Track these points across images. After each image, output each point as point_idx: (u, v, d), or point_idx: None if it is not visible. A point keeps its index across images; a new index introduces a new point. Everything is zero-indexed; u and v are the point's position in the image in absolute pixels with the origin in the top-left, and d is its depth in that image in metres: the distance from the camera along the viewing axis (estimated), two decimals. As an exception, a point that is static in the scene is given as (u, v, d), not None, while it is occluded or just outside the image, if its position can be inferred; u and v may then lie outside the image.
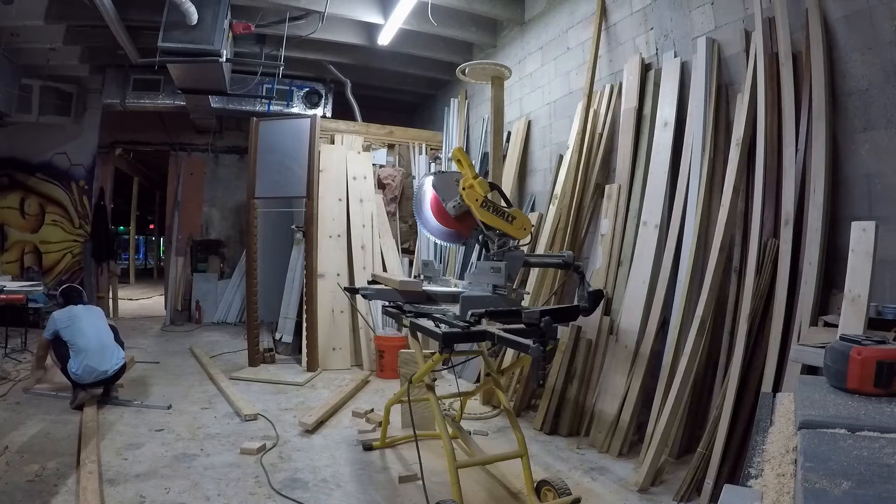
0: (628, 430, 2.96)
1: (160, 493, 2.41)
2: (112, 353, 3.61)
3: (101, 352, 3.53)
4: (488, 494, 2.52)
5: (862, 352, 1.14)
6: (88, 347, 3.49)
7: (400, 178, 6.10)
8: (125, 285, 11.81)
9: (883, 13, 2.23)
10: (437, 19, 4.91)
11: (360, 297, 2.83)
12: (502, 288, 2.29)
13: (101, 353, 3.52)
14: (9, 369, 4.26)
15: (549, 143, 4.64)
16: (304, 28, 5.07)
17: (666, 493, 2.52)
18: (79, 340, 3.49)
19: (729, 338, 2.67)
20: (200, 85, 5.06)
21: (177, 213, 8.05)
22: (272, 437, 3.11)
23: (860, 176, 2.34)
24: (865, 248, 1.71)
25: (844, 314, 1.72)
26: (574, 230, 3.75)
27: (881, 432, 0.92)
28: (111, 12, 4.30)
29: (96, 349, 3.52)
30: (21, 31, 5.11)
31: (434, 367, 2.30)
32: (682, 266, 2.96)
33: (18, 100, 5.90)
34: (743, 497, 0.91)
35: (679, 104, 3.21)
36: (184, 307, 7.68)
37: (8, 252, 6.96)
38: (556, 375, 3.34)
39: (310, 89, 6.91)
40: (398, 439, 3.05)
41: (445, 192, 2.50)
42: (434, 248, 5.83)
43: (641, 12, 3.60)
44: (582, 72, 4.12)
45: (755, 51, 2.70)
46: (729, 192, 2.71)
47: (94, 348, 3.51)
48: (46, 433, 3.04)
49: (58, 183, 7.08)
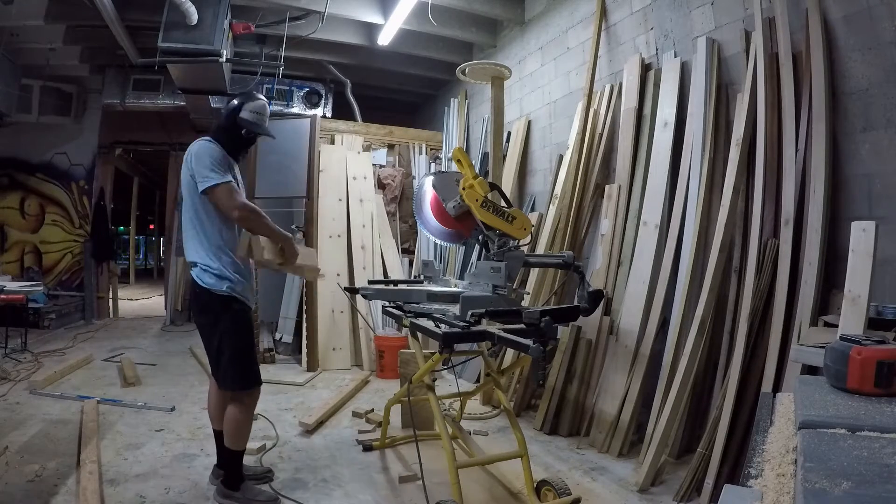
0: (628, 430, 2.96)
1: (160, 493, 2.41)
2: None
3: None
4: (488, 494, 2.52)
5: (862, 352, 1.14)
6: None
7: (400, 178, 6.10)
8: (125, 285, 11.80)
9: (883, 13, 2.23)
10: (437, 19, 4.91)
11: (360, 297, 2.83)
12: (502, 288, 2.29)
13: None
14: (9, 369, 4.26)
15: (549, 143, 4.64)
16: (304, 28, 5.07)
17: (666, 493, 2.52)
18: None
19: (729, 338, 2.67)
20: (200, 85, 5.07)
21: (177, 213, 8.04)
22: (272, 437, 3.10)
23: (860, 176, 2.34)
24: (865, 248, 1.71)
25: (844, 314, 1.72)
26: (574, 230, 3.75)
27: (881, 432, 0.92)
28: (111, 12, 4.30)
29: None
30: (21, 31, 5.11)
31: (434, 367, 2.30)
32: (682, 266, 2.96)
33: (18, 100, 5.91)
34: (743, 497, 0.91)
35: (679, 104, 3.21)
36: (184, 307, 7.67)
37: (8, 252, 6.97)
38: (556, 375, 3.34)
39: (310, 89, 6.91)
40: (398, 439, 3.05)
41: (445, 192, 2.50)
42: (434, 248, 5.83)
43: (641, 12, 3.60)
44: (582, 72, 4.12)
45: (755, 51, 2.70)
46: (729, 192, 2.71)
47: None
48: (46, 433, 3.04)
49: (58, 183, 7.09)
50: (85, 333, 6.18)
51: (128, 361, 4.63)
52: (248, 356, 2.35)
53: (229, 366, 2.28)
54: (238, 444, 2.33)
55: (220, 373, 2.31)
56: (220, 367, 2.30)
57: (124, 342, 5.87)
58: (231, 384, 2.30)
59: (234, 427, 2.31)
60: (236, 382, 2.30)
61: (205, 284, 2.25)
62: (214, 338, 2.29)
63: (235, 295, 2.29)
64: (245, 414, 2.33)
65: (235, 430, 2.31)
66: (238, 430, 2.32)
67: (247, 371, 2.32)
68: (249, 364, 2.34)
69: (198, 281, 2.28)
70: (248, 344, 2.38)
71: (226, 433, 2.34)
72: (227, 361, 2.28)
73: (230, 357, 2.27)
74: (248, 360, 2.34)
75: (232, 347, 2.28)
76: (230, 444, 2.33)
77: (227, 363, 2.28)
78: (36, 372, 4.26)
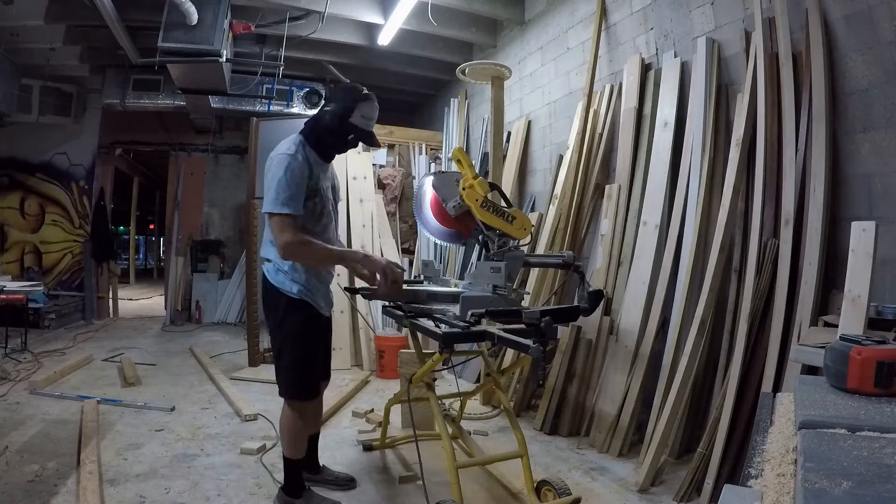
0: (628, 430, 2.96)
1: (160, 493, 2.41)
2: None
3: None
4: (488, 494, 2.52)
5: (862, 352, 1.14)
6: None
7: (400, 178, 6.10)
8: (125, 285, 11.81)
9: (883, 13, 2.23)
10: (437, 19, 4.91)
11: (360, 297, 2.82)
12: (502, 288, 2.28)
13: None
14: (9, 369, 4.26)
15: (549, 143, 4.64)
16: (304, 28, 5.07)
17: (666, 493, 2.52)
18: None
19: (729, 338, 2.67)
20: (200, 85, 5.07)
21: (177, 213, 8.05)
22: (272, 437, 3.10)
23: (860, 176, 2.34)
24: (865, 248, 1.71)
25: (844, 314, 1.72)
26: (574, 230, 3.75)
27: (881, 432, 0.92)
28: (111, 12, 4.30)
29: None
30: (21, 31, 5.11)
31: (434, 367, 2.30)
32: (682, 266, 2.96)
33: (18, 100, 5.91)
34: (743, 497, 0.91)
35: (679, 104, 3.21)
36: (184, 307, 7.68)
37: (8, 252, 6.97)
38: (556, 375, 3.34)
39: (310, 89, 6.91)
40: (398, 439, 3.05)
41: (445, 192, 2.49)
42: (434, 248, 5.83)
43: (641, 12, 3.60)
44: (582, 72, 4.12)
45: (755, 51, 2.70)
46: (729, 192, 2.71)
47: None
48: (46, 433, 3.04)
49: (58, 183, 7.09)
50: (85, 333, 6.18)
51: (128, 361, 4.63)
52: (308, 366, 2.23)
53: (285, 371, 2.20)
54: (291, 451, 2.27)
55: (277, 377, 2.25)
56: (279, 371, 2.24)
57: (124, 342, 5.87)
58: (285, 391, 2.22)
59: (287, 434, 2.26)
60: (290, 390, 2.22)
61: (275, 282, 2.18)
62: (277, 338, 2.22)
63: (307, 299, 2.20)
64: (296, 423, 2.24)
65: (288, 437, 2.26)
66: (290, 437, 2.25)
67: (303, 381, 2.22)
68: (307, 374, 2.24)
69: (268, 277, 2.21)
70: (311, 353, 2.25)
71: (281, 438, 2.31)
72: (285, 366, 2.20)
73: (289, 363, 2.19)
74: (307, 370, 2.23)
75: (292, 353, 2.19)
76: (284, 449, 2.29)
77: (285, 368, 2.20)
78: (36, 372, 4.26)
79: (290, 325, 2.19)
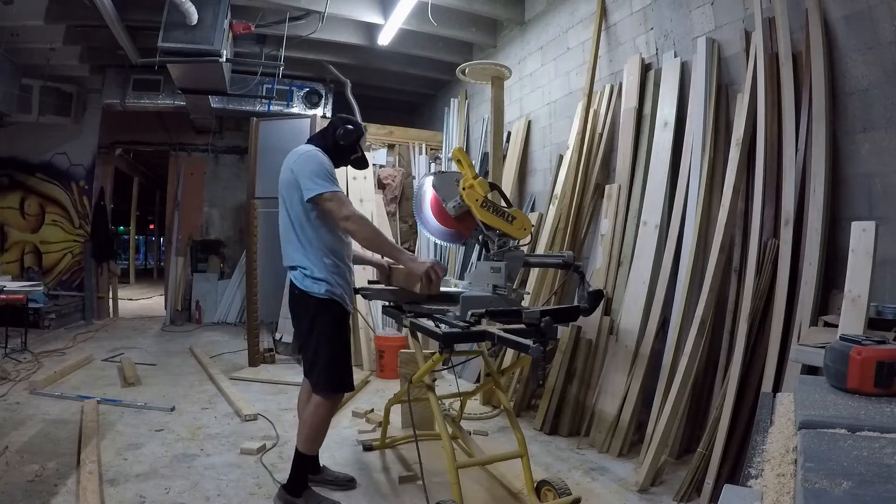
0: (628, 430, 2.96)
1: (160, 493, 2.41)
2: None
3: None
4: (488, 494, 2.52)
5: (862, 352, 1.14)
6: None
7: (400, 178, 6.10)
8: (125, 285, 11.81)
9: (883, 13, 2.23)
10: (437, 19, 4.91)
11: (360, 297, 2.83)
12: (502, 288, 2.28)
13: None
14: (9, 369, 4.26)
15: (549, 143, 4.64)
16: (304, 28, 5.07)
17: (666, 493, 2.52)
18: None
19: (729, 338, 2.67)
20: (200, 85, 5.07)
21: (177, 213, 8.05)
22: (272, 437, 3.11)
23: (860, 176, 2.34)
24: (865, 248, 1.71)
25: (844, 314, 1.72)
26: (574, 230, 3.75)
27: (881, 432, 0.92)
28: (111, 12, 4.30)
29: None
30: (21, 31, 5.11)
31: (434, 367, 2.30)
32: (682, 266, 2.96)
33: (18, 100, 5.91)
34: (743, 497, 0.91)
35: (679, 104, 3.21)
36: (184, 307, 7.68)
37: (8, 252, 6.97)
38: (556, 375, 3.34)
39: (310, 89, 6.91)
40: (398, 439, 3.05)
41: (445, 192, 2.49)
42: (434, 248, 5.83)
43: (641, 12, 3.60)
44: (582, 72, 4.12)
45: (755, 51, 2.70)
46: (729, 192, 2.71)
47: None
48: (46, 433, 3.04)
49: (58, 183, 7.09)
50: (85, 333, 6.18)
51: (128, 361, 4.63)
52: (345, 361, 2.35)
53: (325, 369, 2.27)
54: (310, 446, 2.32)
55: (314, 376, 2.30)
56: (314, 370, 2.29)
57: (124, 342, 5.87)
58: (325, 388, 2.28)
59: (313, 428, 2.30)
60: (332, 385, 2.30)
61: (304, 287, 2.26)
62: (311, 340, 2.29)
63: (335, 298, 2.28)
64: (328, 416, 2.33)
65: (314, 430, 2.30)
66: (315, 431, 2.31)
67: (342, 375, 2.32)
68: (345, 368, 2.34)
69: (296, 283, 2.28)
70: (346, 346, 2.37)
71: (300, 433, 2.33)
72: (322, 364, 2.27)
73: (326, 361, 2.27)
74: (345, 364, 2.34)
75: (329, 351, 2.27)
76: (302, 444, 2.31)
77: (323, 366, 2.27)
78: (36, 372, 4.26)
79: (322, 325, 2.27)
